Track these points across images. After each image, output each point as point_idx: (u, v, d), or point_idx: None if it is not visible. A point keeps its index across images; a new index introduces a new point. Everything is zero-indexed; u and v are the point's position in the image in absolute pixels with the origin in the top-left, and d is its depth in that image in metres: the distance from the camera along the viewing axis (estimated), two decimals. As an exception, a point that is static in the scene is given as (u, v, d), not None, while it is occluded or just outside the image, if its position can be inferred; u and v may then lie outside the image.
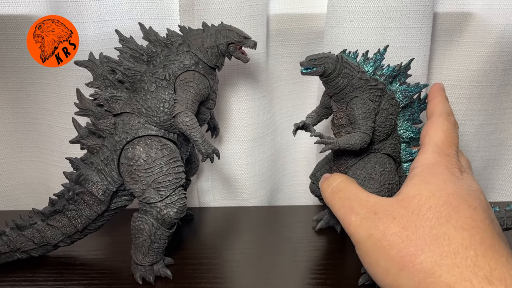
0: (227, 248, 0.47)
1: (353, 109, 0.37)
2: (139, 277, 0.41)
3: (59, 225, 0.42)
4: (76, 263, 0.45)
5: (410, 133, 0.40)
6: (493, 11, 0.49)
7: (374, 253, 0.31)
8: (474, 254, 0.27)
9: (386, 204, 0.32)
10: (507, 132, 0.57)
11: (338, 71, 0.37)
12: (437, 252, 0.28)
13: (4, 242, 0.42)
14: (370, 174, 0.39)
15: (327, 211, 0.50)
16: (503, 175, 0.59)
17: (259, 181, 0.57)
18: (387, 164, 0.39)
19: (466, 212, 0.30)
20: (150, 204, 0.40)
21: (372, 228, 0.31)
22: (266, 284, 0.41)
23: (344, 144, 0.37)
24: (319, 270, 0.43)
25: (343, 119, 0.39)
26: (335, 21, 0.48)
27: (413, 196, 0.31)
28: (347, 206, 0.34)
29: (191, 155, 0.48)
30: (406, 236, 0.29)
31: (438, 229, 0.29)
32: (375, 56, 0.39)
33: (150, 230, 0.40)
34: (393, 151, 0.40)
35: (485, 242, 0.28)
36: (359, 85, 0.37)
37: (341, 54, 0.38)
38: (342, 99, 0.38)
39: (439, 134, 0.35)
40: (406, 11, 0.46)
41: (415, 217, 0.30)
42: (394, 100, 0.39)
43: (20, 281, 0.42)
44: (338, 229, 0.49)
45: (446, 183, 0.31)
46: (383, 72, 0.39)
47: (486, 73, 0.52)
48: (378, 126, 0.38)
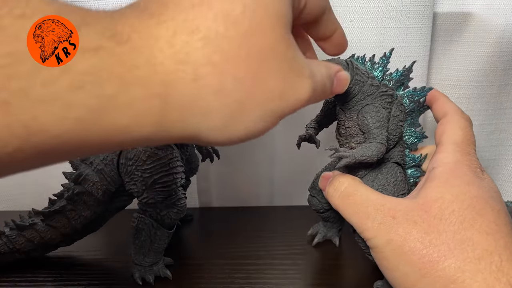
0: (226, 249, 0.47)
1: (366, 118, 0.35)
2: (138, 278, 0.41)
3: (59, 225, 0.42)
4: (75, 263, 0.45)
5: (414, 138, 0.39)
6: (493, 11, 0.49)
7: (394, 258, 0.29)
8: (499, 260, 0.27)
9: (405, 208, 0.30)
10: (507, 132, 0.57)
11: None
12: (460, 257, 0.27)
13: (3, 243, 0.42)
14: (383, 186, 0.36)
15: (322, 224, 0.47)
16: (503, 175, 0.59)
17: (259, 181, 0.57)
18: (398, 174, 0.37)
19: (490, 216, 0.29)
20: (149, 204, 0.40)
21: (391, 233, 0.30)
22: (266, 285, 0.41)
23: (361, 157, 0.34)
24: (319, 271, 0.43)
25: (353, 128, 0.36)
26: (335, 21, 0.48)
27: (435, 200, 0.30)
28: (361, 212, 0.32)
29: (191, 155, 0.48)
30: (428, 242, 0.28)
31: (462, 234, 0.28)
32: (381, 60, 0.37)
33: (149, 230, 0.40)
34: (401, 159, 0.38)
35: (510, 247, 0.27)
36: (370, 92, 0.35)
37: (351, 60, 0.35)
38: (353, 107, 0.35)
39: (457, 132, 0.34)
40: (406, 11, 0.46)
41: (438, 222, 0.29)
42: (403, 106, 0.37)
43: (20, 281, 0.42)
44: (336, 242, 0.47)
45: (469, 186, 0.30)
46: (392, 77, 0.37)
47: (486, 73, 0.52)
48: (390, 134, 0.36)
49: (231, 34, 0.20)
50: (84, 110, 0.18)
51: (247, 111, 0.21)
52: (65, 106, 0.17)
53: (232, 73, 0.20)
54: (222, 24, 0.20)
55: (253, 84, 0.21)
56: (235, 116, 0.21)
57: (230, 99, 0.21)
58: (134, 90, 0.18)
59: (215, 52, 0.20)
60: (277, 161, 0.61)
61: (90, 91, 0.17)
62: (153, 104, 0.19)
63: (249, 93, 0.21)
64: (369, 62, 0.37)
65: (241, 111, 0.21)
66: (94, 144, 0.19)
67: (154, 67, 0.19)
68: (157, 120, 0.20)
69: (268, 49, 0.21)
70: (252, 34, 0.21)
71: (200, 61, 0.20)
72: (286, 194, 0.64)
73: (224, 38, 0.20)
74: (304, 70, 0.23)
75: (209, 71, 0.20)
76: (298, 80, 0.23)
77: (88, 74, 0.17)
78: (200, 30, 0.20)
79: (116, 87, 0.18)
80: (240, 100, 0.21)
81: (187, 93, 0.20)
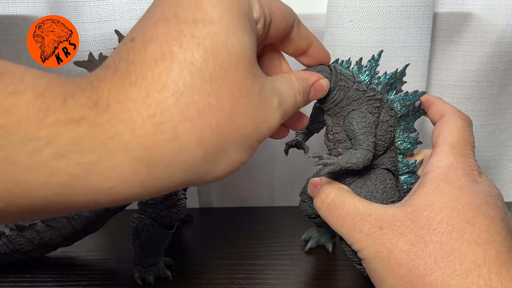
0: (226, 249, 0.47)
1: (352, 124, 0.34)
2: (138, 278, 0.41)
3: (59, 225, 0.42)
4: (75, 263, 0.45)
5: (407, 144, 0.37)
6: (493, 11, 0.49)
7: (381, 270, 0.29)
8: (487, 273, 0.26)
9: (392, 218, 0.29)
10: (507, 133, 0.57)
11: (333, 84, 0.33)
12: (447, 271, 0.26)
13: (3, 243, 0.42)
14: (371, 193, 0.35)
15: (315, 229, 0.47)
16: (504, 176, 0.59)
17: (258, 182, 0.57)
18: (387, 180, 0.36)
19: (482, 224, 0.28)
20: (149, 204, 0.40)
21: (378, 245, 0.29)
22: (266, 285, 0.41)
23: (346, 164, 0.33)
24: (319, 271, 0.43)
25: (340, 134, 0.35)
26: (335, 21, 0.48)
27: (423, 208, 0.29)
28: (348, 223, 0.31)
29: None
30: (415, 254, 0.27)
31: (450, 245, 0.27)
32: (369, 63, 0.35)
33: (149, 231, 0.40)
34: (392, 165, 0.37)
35: (500, 258, 0.26)
36: (356, 97, 0.34)
37: (334, 65, 0.34)
38: (338, 113, 0.34)
39: (453, 133, 0.32)
40: (406, 11, 0.46)
41: (425, 232, 0.28)
42: (393, 110, 0.35)
43: (20, 281, 0.42)
44: (329, 248, 0.46)
45: (461, 192, 0.29)
46: (380, 80, 0.35)
47: (486, 73, 0.52)
48: (378, 140, 0.35)
49: (199, 83, 0.20)
50: (68, 176, 0.18)
51: (228, 151, 0.22)
52: (49, 172, 0.18)
53: (208, 123, 0.21)
54: (187, 75, 0.20)
55: (228, 126, 0.22)
56: (218, 159, 0.22)
57: (210, 146, 0.21)
58: (117, 155, 0.19)
59: (188, 105, 0.20)
60: (277, 161, 0.60)
61: (73, 159, 0.18)
62: (137, 167, 0.20)
63: (226, 136, 0.22)
64: (355, 66, 0.35)
65: (223, 153, 0.22)
66: (79, 205, 0.20)
67: (134, 132, 0.19)
68: (142, 180, 0.20)
69: (236, 89, 0.22)
70: (218, 77, 0.21)
71: (176, 118, 0.20)
72: (286, 194, 0.64)
73: (192, 88, 0.20)
74: (272, 101, 0.24)
75: (186, 127, 0.20)
76: (268, 111, 0.24)
77: (72, 144, 0.18)
78: (169, 85, 0.20)
79: (99, 154, 0.19)
80: (220, 144, 0.22)
81: (169, 152, 0.20)
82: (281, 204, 0.63)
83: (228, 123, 0.22)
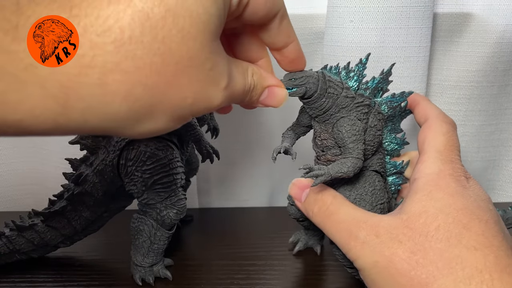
0: (226, 249, 0.47)
1: (341, 132, 0.33)
2: (138, 278, 0.41)
3: (59, 226, 0.42)
4: (75, 264, 0.45)
5: (394, 145, 0.37)
6: (493, 11, 0.49)
7: (381, 281, 0.28)
8: (490, 278, 0.25)
9: (388, 225, 0.29)
10: (508, 133, 0.57)
11: (320, 91, 0.32)
12: (450, 278, 0.26)
13: (3, 243, 0.42)
14: (360, 195, 0.35)
15: (304, 232, 0.47)
16: (504, 176, 0.59)
17: (258, 182, 0.57)
18: (376, 182, 0.36)
19: (477, 228, 0.27)
20: (149, 205, 0.40)
21: (376, 254, 0.28)
22: (266, 285, 0.41)
23: (336, 173, 0.32)
24: (319, 271, 0.43)
25: (328, 140, 0.35)
26: (335, 21, 0.48)
27: (418, 215, 0.28)
28: (343, 229, 0.30)
29: (191, 156, 0.48)
30: (416, 262, 0.27)
31: (450, 252, 0.26)
32: (357, 68, 0.34)
33: (149, 231, 0.40)
34: (380, 166, 0.36)
35: (500, 262, 0.26)
36: (345, 104, 0.33)
37: (322, 71, 0.33)
38: (327, 120, 0.34)
39: (439, 138, 0.32)
40: (406, 12, 0.46)
41: (423, 239, 0.27)
42: (381, 114, 0.35)
43: (20, 282, 0.42)
44: (317, 250, 0.46)
45: (454, 197, 0.29)
46: (368, 85, 0.35)
47: (486, 74, 0.52)
48: (367, 145, 0.34)
49: (147, 40, 0.19)
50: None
51: (156, 115, 0.21)
52: None
53: (144, 81, 0.19)
54: (138, 27, 0.19)
55: (165, 92, 0.20)
56: (143, 119, 0.21)
57: (138, 105, 0.20)
58: (29, 89, 0.18)
59: (127, 58, 0.19)
60: (277, 161, 0.60)
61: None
62: (50, 104, 0.18)
63: (159, 100, 0.20)
64: (343, 71, 0.34)
65: (150, 115, 0.21)
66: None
67: (53, 67, 0.18)
68: (56, 118, 0.19)
69: (187, 58, 0.20)
70: (171, 41, 0.19)
71: (108, 67, 0.18)
72: (286, 194, 0.64)
73: (138, 43, 0.19)
74: (221, 80, 0.23)
75: (117, 79, 0.19)
76: (212, 90, 0.22)
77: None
78: (113, 31, 0.18)
79: (7, 84, 0.18)
80: (149, 106, 0.20)
81: (90, 98, 0.19)
82: (281, 204, 0.63)
83: (165, 88, 0.20)
